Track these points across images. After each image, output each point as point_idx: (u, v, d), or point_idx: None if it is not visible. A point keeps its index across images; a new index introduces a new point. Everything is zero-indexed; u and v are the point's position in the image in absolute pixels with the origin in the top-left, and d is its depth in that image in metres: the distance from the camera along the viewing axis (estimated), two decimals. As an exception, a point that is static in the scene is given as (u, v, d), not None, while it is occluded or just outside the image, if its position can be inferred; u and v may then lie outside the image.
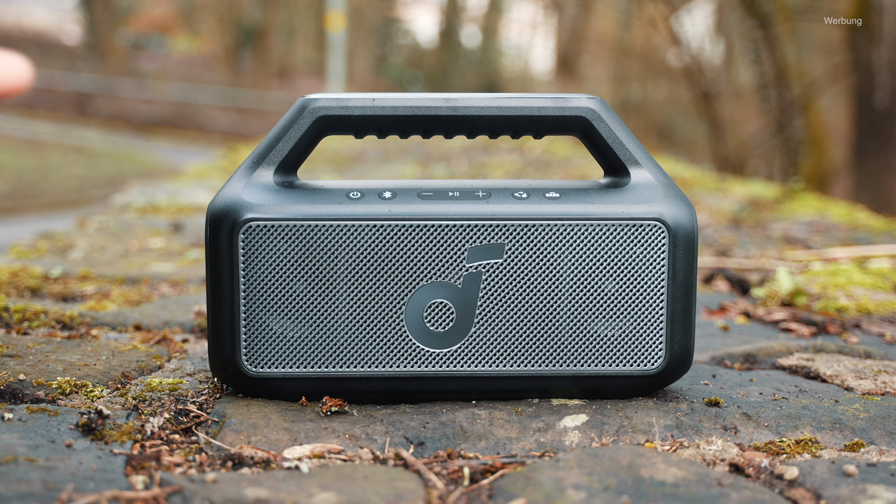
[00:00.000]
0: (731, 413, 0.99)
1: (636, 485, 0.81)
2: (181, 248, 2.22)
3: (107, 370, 1.10)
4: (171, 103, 19.37)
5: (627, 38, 16.42)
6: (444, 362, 0.99)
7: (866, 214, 2.96)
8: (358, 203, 0.97)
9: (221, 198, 0.98)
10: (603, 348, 0.99)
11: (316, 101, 1.00)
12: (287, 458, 0.87)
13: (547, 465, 0.85)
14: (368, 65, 21.84)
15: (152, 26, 24.07)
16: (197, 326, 1.38)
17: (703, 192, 3.51)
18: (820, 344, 1.32)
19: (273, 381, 0.99)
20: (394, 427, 0.95)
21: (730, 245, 2.29)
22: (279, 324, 0.98)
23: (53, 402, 1.00)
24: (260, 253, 0.96)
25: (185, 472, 0.84)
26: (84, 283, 1.73)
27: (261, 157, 1.00)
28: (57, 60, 20.29)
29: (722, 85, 11.96)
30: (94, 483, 0.77)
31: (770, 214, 2.90)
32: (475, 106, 1.01)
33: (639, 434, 0.95)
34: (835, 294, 1.68)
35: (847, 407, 1.01)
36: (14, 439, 0.86)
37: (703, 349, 1.29)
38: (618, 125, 1.02)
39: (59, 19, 23.61)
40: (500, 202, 0.98)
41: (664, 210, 0.99)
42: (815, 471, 0.85)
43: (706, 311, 1.57)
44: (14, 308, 1.38)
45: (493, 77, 21.14)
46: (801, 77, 9.18)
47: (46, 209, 9.53)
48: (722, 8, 12.76)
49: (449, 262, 0.97)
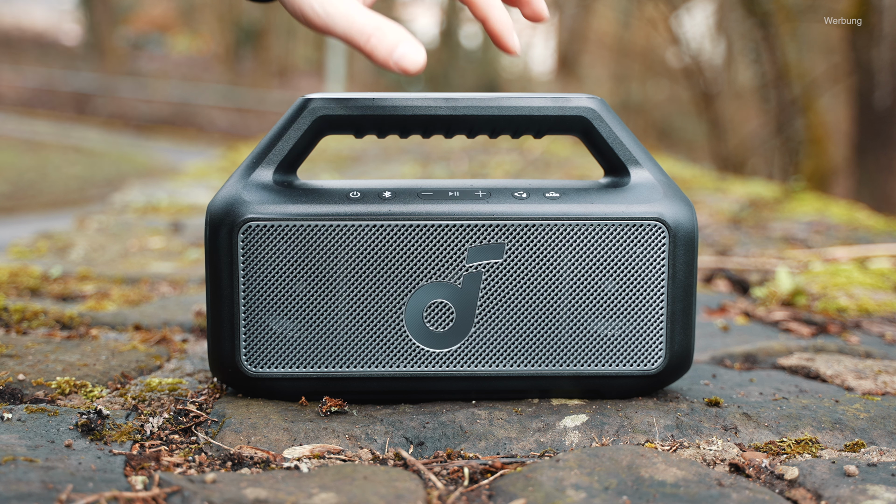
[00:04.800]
0: (732, 413, 0.99)
1: (636, 485, 0.80)
2: (181, 247, 2.22)
3: (106, 370, 1.10)
4: (171, 103, 19.37)
5: (627, 38, 16.41)
6: (443, 362, 0.98)
7: (866, 214, 2.96)
8: (358, 203, 0.97)
9: (221, 197, 0.98)
10: (603, 348, 0.99)
11: (316, 100, 1.00)
12: (287, 458, 0.87)
13: (547, 465, 0.84)
14: (368, 64, 21.83)
15: (152, 26, 24.07)
16: (197, 326, 1.38)
17: (703, 191, 3.51)
18: (820, 344, 1.32)
19: (273, 381, 0.98)
20: (394, 427, 0.94)
21: (730, 245, 2.29)
22: (279, 324, 0.97)
23: (53, 402, 0.99)
24: (259, 253, 0.96)
25: (184, 472, 0.84)
26: (83, 282, 1.73)
27: (260, 156, 1.00)
28: (57, 60, 20.29)
29: (722, 85, 11.96)
30: (94, 483, 0.77)
31: (770, 214, 2.90)
32: (475, 106, 1.01)
33: (639, 434, 0.95)
34: (835, 294, 1.68)
35: (847, 407, 1.01)
36: (13, 439, 0.86)
37: (703, 349, 1.29)
38: (618, 125, 1.02)
39: (59, 19, 23.60)
40: (499, 202, 0.98)
41: (664, 210, 0.99)
42: (815, 471, 0.85)
43: (706, 311, 1.57)
44: (13, 308, 1.38)
45: (493, 77, 21.13)
46: (801, 77, 9.18)
47: (46, 209, 9.53)
48: (722, 8, 12.76)
49: (449, 262, 0.97)
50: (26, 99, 19.00)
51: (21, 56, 20.17)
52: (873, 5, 7.50)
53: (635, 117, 15.23)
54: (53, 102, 18.94)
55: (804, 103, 8.92)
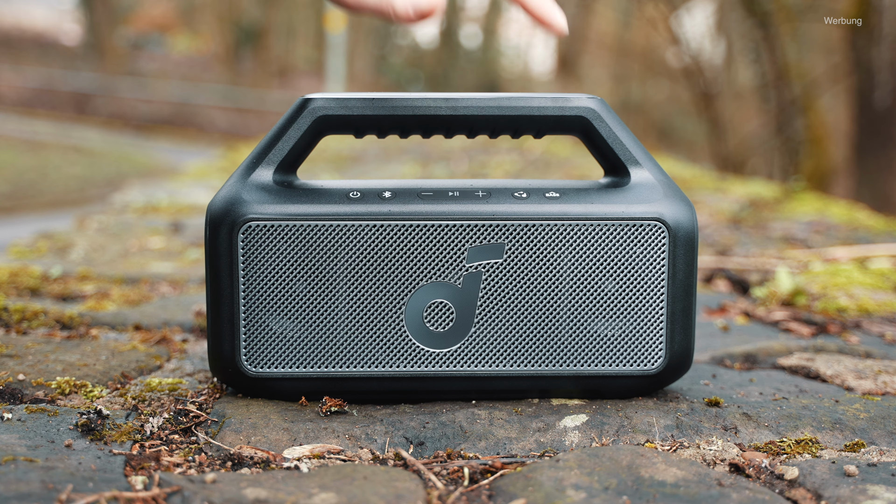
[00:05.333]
0: (732, 413, 0.99)
1: (636, 485, 0.80)
2: (181, 247, 2.22)
3: (106, 370, 1.10)
4: (171, 103, 19.36)
5: (627, 38, 16.41)
6: (443, 362, 0.98)
7: (866, 214, 2.96)
8: (358, 203, 0.97)
9: (221, 197, 0.98)
10: (603, 348, 0.99)
11: (315, 100, 1.00)
12: (287, 458, 0.87)
13: (547, 465, 0.84)
14: (368, 64, 21.84)
15: (152, 26, 24.07)
16: (197, 326, 1.38)
17: (703, 191, 3.51)
18: (820, 344, 1.32)
19: (273, 381, 0.98)
20: (394, 427, 0.94)
21: (730, 245, 2.29)
22: (279, 324, 0.97)
23: (53, 402, 0.99)
24: (259, 253, 0.96)
25: (184, 472, 0.84)
26: (83, 282, 1.73)
27: (260, 156, 1.00)
28: (56, 60, 20.29)
29: (722, 85, 11.96)
30: (94, 483, 0.77)
31: (770, 214, 2.90)
32: (475, 106, 1.01)
33: (639, 434, 0.95)
34: (835, 294, 1.68)
35: (847, 407, 1.01)
36: (13, 439, 0.86)
37: (703, 349, 1.29)
38: (618, 125, 1.02)
39: (59, 19, 23.60)
40: (499, 202, 0.98)
41: (664, 210, 0.99)
42: (815, 471, 0.85)
43: (706, 311, 1.57)
44: (13, 308, 1.38)
45: (493, 77, 21.13)
46: (801, 77, 9.18)
47: (46, 209, 9.53)
48: (722, 7, 12.76)
49: (449, 262, 0.97)
50: (26, 99, 19.00)
51: (21, 56, 20.16)
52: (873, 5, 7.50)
53: (635, 117, 15.23)
54: (53, 102, 18.94)
55: (804, 103, 8.92)
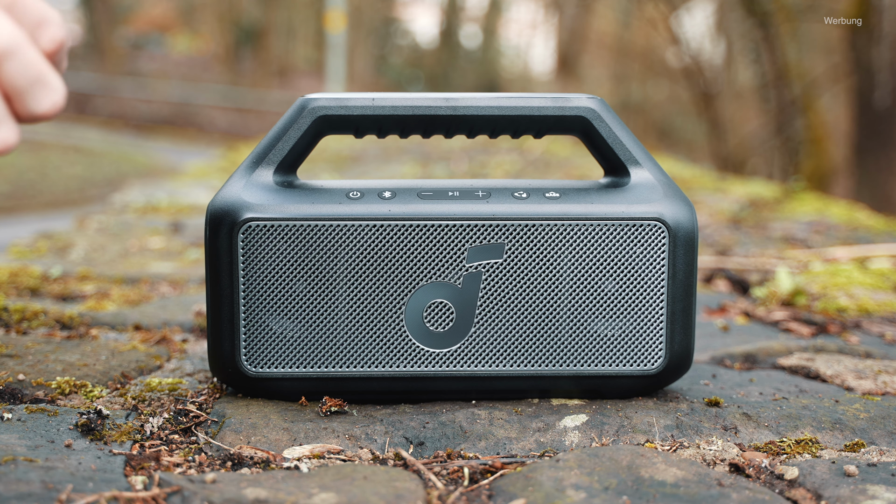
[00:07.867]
0: (732, 413, 0.99)
1: (636, 485, 0.80)
2: (181, 247, 2.22)
3: (106, 370, 1.10)
4: (171, 103, 19.37)
5: (627, 38, 16.42)
6: (443, 362, 0.98)
7: (866, 214, 2.96)
8: (358, 203, 0.97)
9: (221, 198, 0.98)
10: (603, 348, 0.99)
11: (315, 100, 1.00)
12: (287, 458, 0.87)
13: (547, 465, 0.84)
14: (368, 65, 21.84)
15: (152, 26, 24.07)
16: (196, 326, 1.38)
17: (703, 191, 3.51)
18: (820, 344, 1.32)
19: (273, 381, 0.98)
20: (393, 427, 0.94)
21: (730, 245, 2.29)
22: (279, 324, 0.97)
23: (53, 402, 0.99)
24: (259, 253, 0.96)
25: (184, 472, 0.84)
26: (83, 282, 1.73)
27: (260, 156, 1.00)
28: (57, 60, 20.25)
29: (722, 85, 11.96)
30: (94, 483, 0.77)
31: (770, 214, 2.90)
32: (475, 106, 1.01)
33: (639, 434, 0.94)
34: (835, 294, 1.68)
35: (847, 407, 1.01)
36: (13, 439, 0.86)
37: (703, 349, 1.29)
38: (618, 125, 1.02)
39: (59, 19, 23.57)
40: (499, 202, 0.98)
41: (664, 210, 0.99)
42: (815, 471, 0.85)
43: (706, 311, 1.57)
44: (13, 308, 1.38)
45: (493, 77, 21.14)
46: (801, 77, 9.18)
47: (46, 209, 9.53)
48: (722, 7, 12.76)
49: (449, 262, 0.97)
50: (26, 99, 18.95)
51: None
52: (873, 5, 7.50)
53: (635, 117, 15.23)
54: (53, 102, 18.90)
55: (804, 103, 8.92)
